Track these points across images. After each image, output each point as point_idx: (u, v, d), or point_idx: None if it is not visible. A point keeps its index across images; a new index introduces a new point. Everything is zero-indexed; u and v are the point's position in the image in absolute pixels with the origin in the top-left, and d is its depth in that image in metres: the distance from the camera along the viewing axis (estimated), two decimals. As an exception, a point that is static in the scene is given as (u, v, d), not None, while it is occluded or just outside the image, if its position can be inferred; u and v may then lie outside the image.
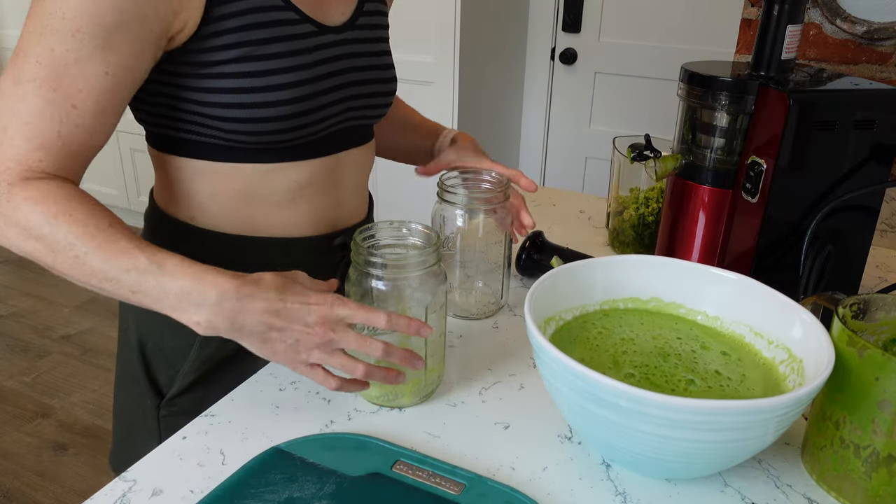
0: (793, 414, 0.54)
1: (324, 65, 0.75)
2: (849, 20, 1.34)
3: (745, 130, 0.83)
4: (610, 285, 0.73)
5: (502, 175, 0.87)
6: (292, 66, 0.72)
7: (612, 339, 0.69)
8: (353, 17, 0.79)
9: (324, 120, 0.77)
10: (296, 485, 0.58)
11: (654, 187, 1.04)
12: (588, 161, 2.87)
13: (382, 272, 0.66)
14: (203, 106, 0.71)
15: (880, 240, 1.33)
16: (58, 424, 2.16)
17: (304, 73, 0.73)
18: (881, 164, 0.80)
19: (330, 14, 0.77)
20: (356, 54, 0.79)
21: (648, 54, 2.60)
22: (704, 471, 0.60)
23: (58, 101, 0.62)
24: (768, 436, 0.55)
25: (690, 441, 0.54)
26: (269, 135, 0.73)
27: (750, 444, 0.55)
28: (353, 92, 0.80)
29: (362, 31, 0.80)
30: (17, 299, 2.87)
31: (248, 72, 0.69)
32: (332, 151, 0.80)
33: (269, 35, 0.70)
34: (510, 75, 2.76)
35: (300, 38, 0.72)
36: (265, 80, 0.70)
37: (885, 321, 0.64)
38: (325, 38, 0.75)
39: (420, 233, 0.70)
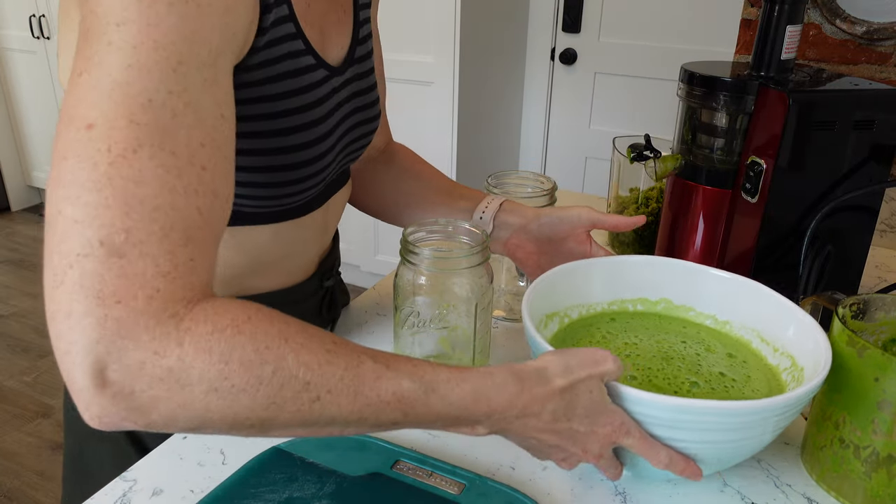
0: (790, 414, 0.54)
1: (332, 115, 0.64)
2: (848, 20, 1.34)
3: (744, 130, 0.83)
4: (617, 285, 0.73)
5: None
6: (317, 119, 0.61)
7: (615, 342, 0.69)
8: (350, 51, 0.68)
9: (329, 167, 0.67)
10: (296, 484, 0.58)
11: (654, 187, 1.04)
12: (588, 161, 2.87)
13: (430, 268, 0.66)
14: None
15: (880, 240, 1.33)
16: (58, 424, 2.16)
17: (325, 125, 0.63)
18: (881, 164, 0.80)
19: (332, 50, 0.65)
20: (355, 94, 0.70)
21: (648, 54, 2.60)
22: (703, 471, 0.60)
23: (181, 166, 0.43)
24: (766, 436, 0.55)
25: (688, 442, 0.54)
26: (279, 199, 0.62)
27: (747, 444, 0.55)
28: (352, 136, 0.71)
29: (358, 66, 0.70)
30: (17, 299, 2.87)
31: (266, 131, 0.58)
32: (329, 198, 0.72)
33: (293, 87, 0.58)
34: (510, 75, 2.76)
35: (316, 86, 0.61)
36: (284, 141, 0.59)
37: (885, 321, 0.64)
38: (333, 82, 0.64)
39: (468, 231, 0.70)
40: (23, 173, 3.73)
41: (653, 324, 0.72)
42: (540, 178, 0.85)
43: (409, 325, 0.68)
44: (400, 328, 0.70)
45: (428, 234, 0.70)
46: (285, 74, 0.57)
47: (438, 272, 0.67)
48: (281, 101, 0.57)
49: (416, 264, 0.66)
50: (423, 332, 0.69)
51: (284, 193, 0.62)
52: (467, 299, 0.68)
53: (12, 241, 3.40)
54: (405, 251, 0.67)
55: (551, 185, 0.84)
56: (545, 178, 0.85)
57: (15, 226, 3.58)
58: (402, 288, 0.68)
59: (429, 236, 0.70)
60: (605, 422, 0.52)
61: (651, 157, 0.90)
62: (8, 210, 3.73)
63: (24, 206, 3.78)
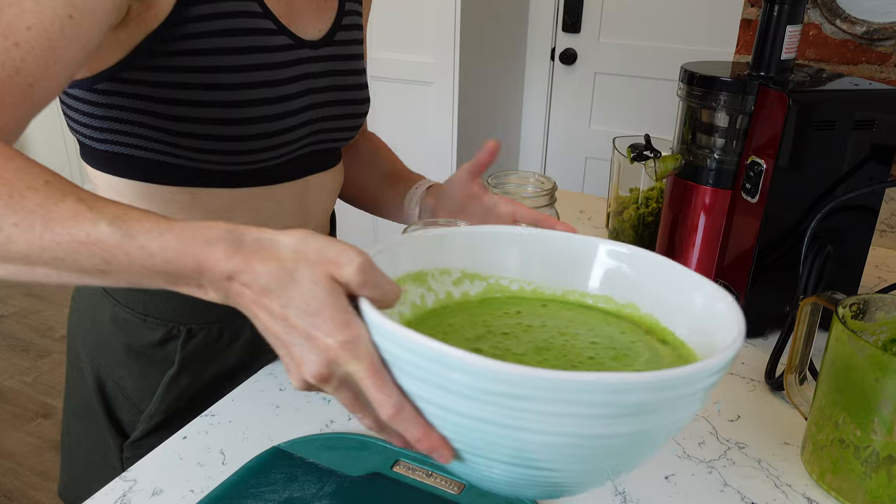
0: (684, 399, 0.38)
1: (297, 82, 0.68)
2: (848, 20, 1.34)
3: (744, 130, 0.83)
4: (482, 259, 0.55)
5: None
6: (270, 81, 0.65)
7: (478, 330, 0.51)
8: (330, 33, 0.72)
9: (294, 142, 0.69)
10: (296, 484, 0.58)
11: (654, 187, 1.04)
12: (588, 161, 2.87)
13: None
14: (166, 120, 0.61)
15: (880, 240, 1.33)
16: (58, 424, 2.16)
17: (281, 88, 0.66)
18: (881, 164, 0.80)
19: (306, 28, 0.69)
20: (332, 72, 0.72)
21: (648, 54, 2.60)
22: (581, 479, 0.43)
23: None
24: (659, 430, 0.39)
25: (445, 412, 0.39)
26: (234, 155, 0.65)
27: (642, 436, 0.38)
28: (325, 113, 0.73)
29: (339, 48, 0.73)
30: (17, 299, 2.87)
31: (217, 84, 0.61)
32: (301, 176, 0.73)
33: (241, 44, 0.62)
34: (510, 75, 2.76)
35: (276, 50, 0.65)
36: (236, 95, 0.62)
37: (885, 321, 0.64)
38: (301, 52, 0.68)
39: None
40: (23, 173, 3.73)
41: (526, 306, 0.54)
42: (540, 178, 0.85)
43: None
44: None
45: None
46: (234, 32, 0.61)
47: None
48: (228, 56, 0.61)
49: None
50: None
51: (235, 149, 0.64)
52: None
53: (12, 241, 3.40)
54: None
55: (551, 185, 0.84)
56: (545, 178, 0.85)
57: (15, 226, 3.58)
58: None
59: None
60: (329, 329, 0.39)
61: (651, 157, 0.90)
62: (8, 210, 3.73)
63: (24, 206, 3.78)
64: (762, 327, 0.86)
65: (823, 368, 0.61)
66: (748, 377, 0.78)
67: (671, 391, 0.36)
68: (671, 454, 0.65)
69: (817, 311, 0.68)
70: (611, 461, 0.40)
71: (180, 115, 0.61)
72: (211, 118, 0.62)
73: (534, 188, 0.85)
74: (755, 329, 0.86)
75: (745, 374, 0.78)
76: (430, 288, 0.52)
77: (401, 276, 0.50)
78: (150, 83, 0.60)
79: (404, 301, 0.49)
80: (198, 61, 0.60)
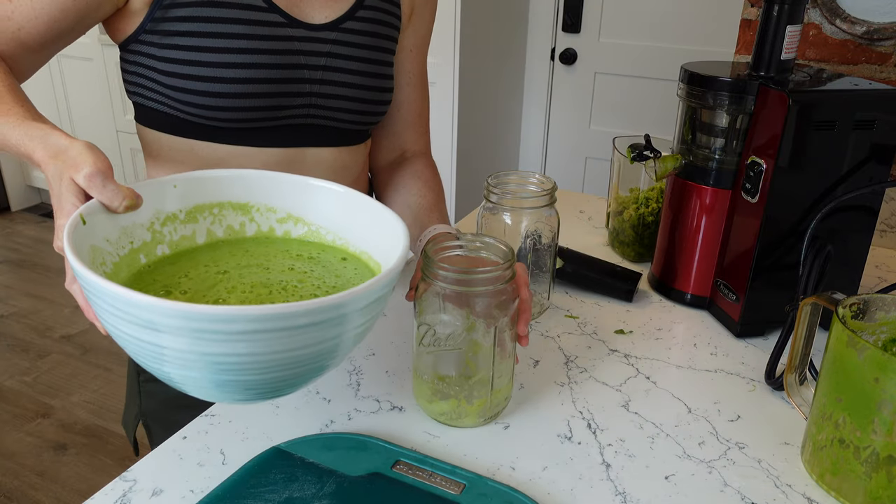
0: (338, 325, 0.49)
1: (281, 55, 0.76)
2: (848, 20, 1.34)
3: (744, 130, 0.83)
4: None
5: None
6: (248, 49, 0.74)
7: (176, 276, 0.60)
8: (338, 21, 0.80)
9: (281, 109, 0.78)
10: (296, 485, 0.58)
11: (654, 187, 1.04)
12: (588, 161, 2.87)
13: (454, 287, 0.62)
14: (163, 75, 0.74)
15: (880, 240, 1.33)
16: (58, 424, 2.16)
17: (261, 57, 0.75)
18: (881, 164, 0.80)
19: (310, 13, 0.79)
20: (330, 55, 0.80)
21: (648, 54, 2.60)
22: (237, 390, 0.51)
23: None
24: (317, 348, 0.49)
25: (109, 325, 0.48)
26: (219, 111, 0.75)
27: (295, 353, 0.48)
28: (323, 90, 0.80)
29: (345, 35, 0.81)
30: (17, 299, 2.87)
31: (199, 46, 0.73)
32: (292, 144, 0.81)
33: (225, 15, 0.73)
34: (510, 75, 2.76)
35: (263, 24, 0.75)
36: (217, 57, 0.73)
37: (885, 321, 0.64)
38: (296, 31, 0.77)
39: (495, 247, 0.67)
40: (23, 173, 3.73)
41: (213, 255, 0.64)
42: (540, 178, 0.85)
43: (424, 343, 0.66)
44: (417, 344, 0.67)
45: (451, 249, 0.67)
46: (223, 4, 0.73)
47: (456, 291, 0.63)
48: (212, 24, 0.72)
49: (434, 281, 0.63)
50: (439, 351, 0.65)
51: (218, 105, 0.75)
52: (485, 320, 0.64)
53: (12, 241, 3.40)
54: (424, 266, 0.63)
55: (551, 185, 0.84)
56: (545, 178, 0.85)
57: (15, 226, 3.58)
58: (420, 303, 0.65)
59: (451, 251, 0.67)
60: (57, 212, 0.55)
61: (651, 157, 0.90)
62: (8, 210, 3.73)
63: (24, 207, 3.78)
64: (762, 327, 0.86)
65: (823, 368, 0.61)
66: (748, 377, 0.78)
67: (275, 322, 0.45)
68: (671, 454, 0.65)
69: (817, 311, 0.68)
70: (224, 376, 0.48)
71: (172, 71, 0.74)
72: (194, 75, 0.73)
73: (534, 188, 0.85)
74: (755, 329, 0.86)
75: (745, 374, 0.78)
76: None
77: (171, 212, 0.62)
78: (154, 44, 0.74)
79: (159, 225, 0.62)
80: (186, 26, 0.73)
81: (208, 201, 0.65)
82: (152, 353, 0.47)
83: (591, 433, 0.68)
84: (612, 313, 0.91)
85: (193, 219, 0.64)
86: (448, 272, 0.62)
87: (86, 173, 0.53)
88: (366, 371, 0.76)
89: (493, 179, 0.85)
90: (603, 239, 1.14)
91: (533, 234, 0.84)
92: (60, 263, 3.17)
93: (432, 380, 0.66)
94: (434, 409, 0.68)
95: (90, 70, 3.25)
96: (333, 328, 0.49)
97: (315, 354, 0.50)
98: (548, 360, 0.80)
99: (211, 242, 0.65)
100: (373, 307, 0.51)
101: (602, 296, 0.95)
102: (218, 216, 0.65)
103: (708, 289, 0.91)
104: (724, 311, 0.88)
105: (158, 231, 0.62)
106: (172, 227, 0.63)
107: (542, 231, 0.84)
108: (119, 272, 0.57)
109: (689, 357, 0.81)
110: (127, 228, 0.59)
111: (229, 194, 0.66)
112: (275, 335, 0.46)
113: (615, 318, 0.89)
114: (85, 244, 0.52)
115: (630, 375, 0.77)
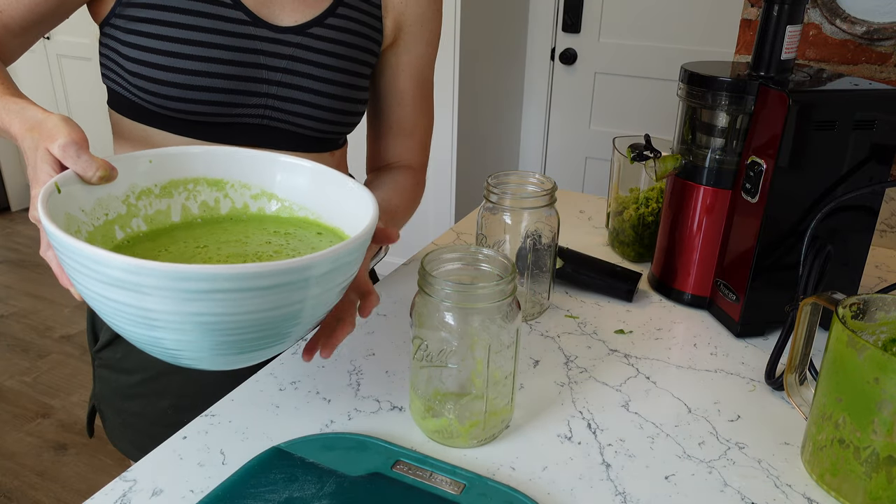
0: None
1: (239, 52, 0.77)
2: (848, 20, 1.34)
3: (744, 130, 0.83)
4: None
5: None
6: (205, 42, 0.75)
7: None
8: (305, 25, 0.80)
9: (235, 106, 0.79)
10: (296, 485, 0.58)
11: (654, 187, 1.04)
12: (588, 161, 2.87)
13: (451, 302, 0.60)
14: (124, 59, 0.76)
15: (880, 240, 1.33)
16: (58, 424, 2.16)
17: (217, 52, 0.76)
18: (881, 164, 0.80)
19: (279, 15, 0.79)
20: (293, 58, 0.80)
21: (648, 54, 2.60)
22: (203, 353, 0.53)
23: None
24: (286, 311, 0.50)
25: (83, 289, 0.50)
26: (170, 100, 0.76)
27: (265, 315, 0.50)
28: (281, 93, 0.80)
29: (310, 40, 0.80)
30: (17, 299, 2.87)
31: (158, 34, 0.74)
32: (247, 143, 0.80)
33: (189, 7, 0.75)
34: (510, 75, 2.76)
35: (225, 20, 0.76)
36: (174, 46, 0.74)
37: (885, 321, 0.64)
38: (259, 31, 0.78)
39: (495, 260, 0.65)
40: (23, 173, 3.73)
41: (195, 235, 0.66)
42: (540, 178, 0.85)
43: (417, 357, 0.64)
44: (412, 357, 0.65)
45: (448, 261, 0.65)
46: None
47: (450, 306, 0.61)
48: (171, 13, 0.74)
49: (430, 295, 0.61)
50: (431, 366, 0.64)
51: (170, 95, 0.76)
52: (479, 337, 0.61)
53: (12, 241, 3.40)
54: (420, 279, 0.62)
55: (551, 185, 0.84)
56: (545, 178, 0.85)
57: (15, 226, 3.58)
58: (415, 316, 0.63)
59: (448, 264, 0.65)
60: (32, 181, 0.56)
61: (651, 157, 0.90)
62: (8, 210, 3.73)
63: (24, 206, 3.78)
64: (762, 327, 0.86)
65: (823, 368, 0.61)
66: (748, 377, 0.78)
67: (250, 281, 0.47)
68: (671, 454, 0.65)
69: (817, 311, 0.68)
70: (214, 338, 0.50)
71: (132, 56, 0.76)
72: (150, 62, 0.75)
73: (534, 188, 0.85)
74: (755, 329, 0.86)
75: (745, 374, 0.78)
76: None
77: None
78: (120, 28, 0.76)
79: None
80: (150, 13, 0.74)
81: (182, 177, 0.66)
82: (115, 310, 0.49)
83: (591, 433, 0.68)
84: (612, 313, 0.91)
85: (168, 193, 0.65)
86: (443, 286, 0.60)
87: (61, 143, 0.54)
88: (366, 371, 0.76)
89: (493, 179, 0.85)
90: (603, 239, 1.14)
91: (533, 234, 0.84)
92: (60, 263, 3.17)
93: (425, 396, 0.65)
94: (426, 425, 0.66)
95: (90, 70, 3.25)
96: (298, 291, 0.50)
97: (281, 317, 0.51)
98: (548, 360, 0.80)
99: (188, 222, 0.66)
100: (336, 274, 0.53)
101: (602, 296, 0.95)
102: (192, 192, 0.66)
103: (708, 289, 0.91)
104: (724, 311, 0.88)
105: (133, 204, 0.62)
106: (147, 200, 0.64)
107: (542, 231, 0.84)
108: (93, 241, 0.57)
109: (689, 357, 0.81)
110: (102, 200, 0.59)
111: (203, 170, 0.67)
112: (238, 295, 0.47)
113: (615, 318, 0.89)
114: (60, 212, 0.54)
115: (630, 375, 0.77)
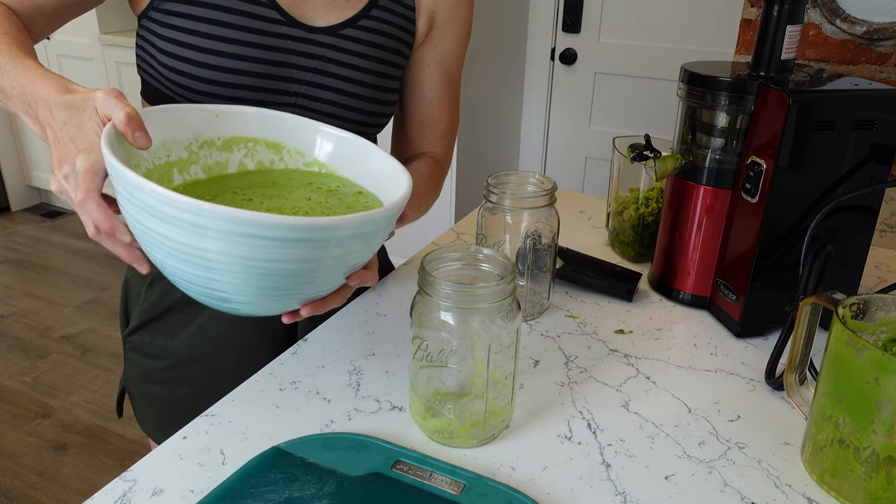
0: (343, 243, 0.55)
1: (280, 53, 0.78)
2: (848, 20, 1.34)
3: (744, 130, 0.83)
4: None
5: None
6: (238, 40, 0.76)
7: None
8: (338, 26, 0.81)
9: (264, 104, 0.78)
10: (296, 485, 0.58)
11: (654, 187, 1.04)
12: (588, 161, 2.87)
13: (451, 302, 0.60)
14: (159, 52, 0.77)
15: (880, 240, 1.33)
16: (58, 424, 2.16)
17: (249, 49, 0.76)
18: (881, 164, 0.80)
19: (312, 16, 0.80)
20: (323, 58, 0.81)
21: (648, 54, 2.60)
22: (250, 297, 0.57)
23: None
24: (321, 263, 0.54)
25: (139, 229, 0.53)
26: (201, 95, 0.77)
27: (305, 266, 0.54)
28: (311, 92, 0.81)
29: (342, 41, 0.81)
30: (17, 299, 2.87)
31: (193, 29, 0.75)
32: None
33: (225, 4, 0.75)
34: (510, 75, 2.76)
35: (259, 19, 0.77)
36: (207, 42, 0.75)
37: (885, 321, 0.64)
38: (292, 31, 0.79)
39: (495, 260, 0.65)
40: (23, 173, 3.73)
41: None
42: (540, 178, 0.85)
43: (417, 357, 0.64)
44: (412, 357, 0.65)
45: (448, 261, 0.65)
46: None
47: (450, 306, 0.60)
48: (208, 9, 0.75)
49: (430, 295, 0.60)
50: (431, 366, 0.64)
51: (200, 90, 0.76)
52: (479, 337, 0.61)
53: (12, 241, 3.40)
54: (420, 278, 0.61)
55: (551, 185, 0.84)
56: (545, 178, 0.85)
57: (15, 226, 3.58)
58: (415, 315, 0.63)
59: (448, 264, 0.65)
60: (82, 143, 0.57)
61: (651, 157, 0.90)
62: (8, 210, 3.73)
63: (24, 206, 3.78)
64: (762, 327, 0.86)
65: (823, 368, 0.61)
66: (748, 377, 0.78)
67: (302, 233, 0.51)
68: (671, 454, 0.65)
69: (817, 311, 0.68)
70: (265, 281, 0.54)
71: (166, 49, 0.76)
72: (183, 57, 0.76)
73: (534, 188, 0.85)
74: (755, 329, 0.86)
75: (745, 374, 0.78)
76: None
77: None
78: (157, 21, 0.77)
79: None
80: (186, 8, 0.75)
81: (245, 135, 0.70)
82: (154, 241, 0.53)
83: (591, 433, 0.68)
84: (612, 313, 0.91)
85: (229, 148, 0.70)
86: (443, 286, 0.59)
87: (128, 112, 0.55)
88: (366, 371, 0.76)
89: (493, 179, 0.85)
90: (603, 239, 1.14)
91: (533, 234, 0.84)
92: (60, 263, 3.17)
93: (425, 396, 0.65)
94: (426, 426, 0.66)
95: (90, 70, 3.25)
96: (319, 249, 0.54)
97: (301, 271, 0.55)
98: (548, 360, 0.80)
99: (242, 172, 0.71)
100: (357, 240, 0.56)
101: (602, 296, 0.95)
102: (252, 150, 0.71)
103: (708, 289, 0.91)
104: (724, 311, 0.88)
105: (195, 152, 0.67)
106: (209, 151, 0.68)
107: (542, 231, 0.84)
108: (151, 178, 0.58)
109: (689, 357, 0.81)
110: (167, 142, 0.64)
111: (266, 132, 0.71)
112: (265, 243, 0.51)
113: (615, 318, 0.89)
114: (120, 150, 0.56)
115: (630, 375, 0.77)
